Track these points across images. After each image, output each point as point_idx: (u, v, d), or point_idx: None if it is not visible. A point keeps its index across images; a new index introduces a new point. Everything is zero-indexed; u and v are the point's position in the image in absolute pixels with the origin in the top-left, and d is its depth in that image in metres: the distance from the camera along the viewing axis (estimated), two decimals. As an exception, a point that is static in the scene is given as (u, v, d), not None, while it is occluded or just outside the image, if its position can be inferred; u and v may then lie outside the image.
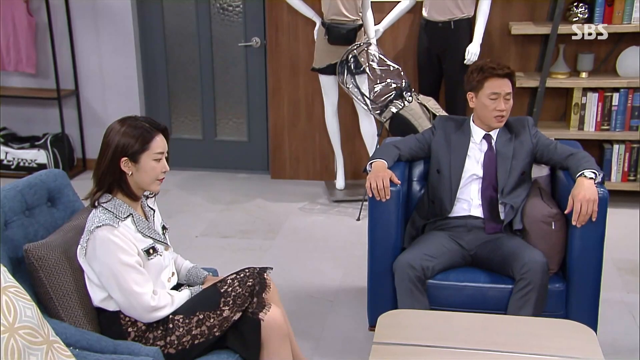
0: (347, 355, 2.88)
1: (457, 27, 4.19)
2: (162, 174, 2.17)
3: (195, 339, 2.11)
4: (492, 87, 2.72)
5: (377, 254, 2.75)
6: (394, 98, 4.00)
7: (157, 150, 2.13)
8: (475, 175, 2.81)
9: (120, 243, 2.06)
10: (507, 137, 2.83)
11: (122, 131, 2.11)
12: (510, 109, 2.77)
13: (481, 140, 2.83)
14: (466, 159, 2.82)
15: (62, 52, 4.97)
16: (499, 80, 2.72)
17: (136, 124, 2.12)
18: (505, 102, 2.74)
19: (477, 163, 2.82)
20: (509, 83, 2.74)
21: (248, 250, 3.90)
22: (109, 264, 2.05)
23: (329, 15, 4.20)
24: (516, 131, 2.84)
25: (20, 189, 2.22)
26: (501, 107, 2.74)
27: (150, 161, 2.12)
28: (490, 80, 2.72)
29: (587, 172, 2.59)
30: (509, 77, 2.74)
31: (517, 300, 2.56)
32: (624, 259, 3.69)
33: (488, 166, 2.80)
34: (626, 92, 4.27)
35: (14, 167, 5.10)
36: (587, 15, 4.21)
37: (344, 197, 4.60)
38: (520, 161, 2.79)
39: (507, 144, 2.81)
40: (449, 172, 2.82)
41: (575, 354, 2.09)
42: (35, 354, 1.68)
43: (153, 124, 2.15)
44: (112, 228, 2.06)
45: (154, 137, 2.12)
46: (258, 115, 5.06)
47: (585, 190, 2.53)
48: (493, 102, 2.74)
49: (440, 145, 2.87)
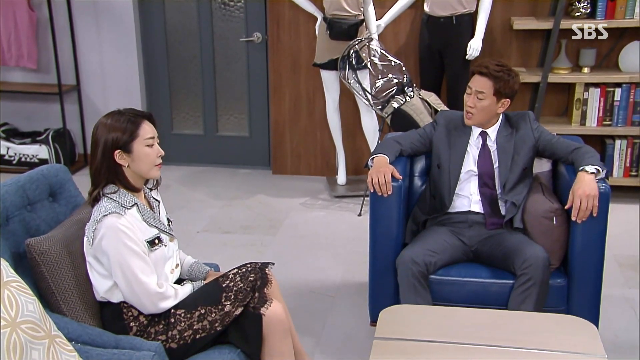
0: (349, 350, 2.88)
1: (459, 22, 4.18)
2: (158, 159, 2.18)
3: (197, 334, 2.11)
4: (471, 82, 2.74)
5: (379, 250, 2.75)
6: (395, 93, 4.00)
7: (147, 136, 2.14)
8: (472, 171, 2.81)
9: (126, 231, 2.07)
10: (508, 132, 2.81)
11: (108, 125, 2.12)
12: (482, 109, 2.72)
13: (477, 137, 2.82)
14: (465, 155, 2.82)
15: (63, 47, 4.97)
16: (477, 77, 2.72)
17: (120, 116, 2.14)
18: (476, 100, 2.72)
19: (474, 160, 2.82)
20: (486, 82, 2.70)
21: (249, 245, 3.90)
22: (116, 251, 2.06)
23: (330, 10, 4.19)
24: (517, 126, 2.82)
25: (22, 183, 2.22)
26: (468, 102, 2.74)
27: (143, 147, 2.13)
28: (474, 76, 2.74)
29: (589, 167, 2.58)
30: (489, 76, 2.69)
31: (518, 295, 2.56)
32: (625, 254, 3.68)
33: (482, 164, 2.79)
34: (628, 87, 4.26)
35: (16, 162, 5.10)
36: (589, 10, 4.20)
37: (346, 193, 4.60)
38: (522, 156, 2.78)
39: (508, 140, 2.80)
40: (449, 167, 2.82)
41: (577, 349, 2.09)
42: (38, 349, 1.68)
43: (137, 113, 2.17)
44: (119, 216, 2.07)
45: (140, 124, 2.14)
46: (259, 111, 5.06)
47: (585, 186, 2.53)
48: (467, 96, 2.75)
49: (441, 141, 2.87)
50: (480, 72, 2.72)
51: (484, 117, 2.76)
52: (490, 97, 2.71)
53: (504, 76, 2.70)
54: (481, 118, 2.76)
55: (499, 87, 2.70)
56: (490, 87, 2.70)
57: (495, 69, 2.71)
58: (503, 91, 2.72)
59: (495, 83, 2.70)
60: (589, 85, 4.31)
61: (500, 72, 2.71)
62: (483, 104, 2.72)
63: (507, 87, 2.71)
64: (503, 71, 2.71)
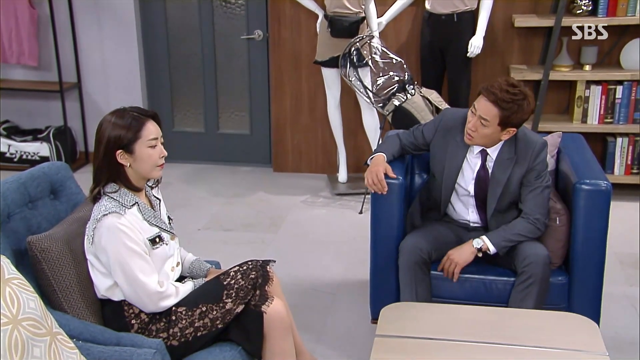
0: (350, 348, 2.88)
1: (460, 19, 4.18)
2: (160, 160, 2.16)
3: (198, 331, 2.11)
4: (476, 102, 2.53)
5: (380, 247, 2.75)
6: (396, 91, 3.99)
7: (150, 137, 2.12)
8: (467, 191, 2.70)
9: (126, 230, 2.07)
10: (509, 156, 2.60)
11: (112, 123, 2.11)
12: (484, 136, 2.52)
13: (477, 154, 2.65)
14: (460, 171, 2.67)
15: (64, 45, 4.97)
16: (483, 100, 2.48)
17: (125, 114, 2.12)
18: (479, 124, 2.50)
19: (470, 179, 2.68)
20: (491, 109, 2.45)
21: (250, 243, 3.90)
22: (115, 252, 2.06)
23: (331, 7, 4.19)
24: (519, 154, 2.60)
25: (23, 181, 2.22)
26: (470, 124, 2.53)
27: (145, 149, 2.12)
28: (480, 97, 2.51)
29: (476, 241, 2.60)
30: (496, 105, 2.44)
31: (518, 292, 2.56)
32: (626, 252, 3.68)
33: (478, 188, 2.67)
34: (630, 84, 4.25)
35: (17, 159, 5.10)
36: (590, 7, 4.19)
37: (347, 190, 4.60)
38: (513, 190, 2.63)
39: (505, 167, 2.61)
40: (442, 180, 2.72)
41: (578, 346, 2.09)
42: (39, 346, 1.69)
43: (142, 112, 2.15)
44: (118, 215, 2.07)
45: (144, 124, 2.12)
46: (260, 108, 5.05)
47: (457, 252, 2.61)
48: (470, 115, 2.55)
49: (438, 148, 2.72)
50: (492, 100, 2.44)
51: (485, 142, 2.58)
52: (494, 126, 2.49)
53: (514, 107, 2.44)
54: (481, 142, 2.59)
55: (506, 118, 2.46)
56: (495, 116, 2.46)
57: (505, 97, 2.43)
58: (510, 122, 2.48)
59: (502, 113, 2.45)
60: (591, 82, 4.30)
61: (511, 102, 2.43)
62: (485, 132, 2.51)
63: (515, 118, 2.47)
64: (514, 101, 2.43)
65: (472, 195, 2.71)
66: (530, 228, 2.60)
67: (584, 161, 2.80)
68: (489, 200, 2.67)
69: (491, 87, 2.47)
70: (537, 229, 2.61)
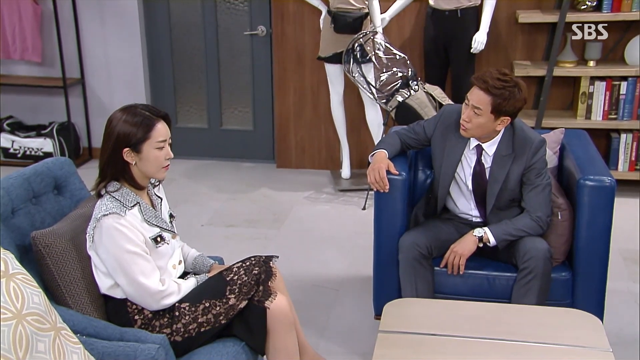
0: (353, 343, 2.89)
1: (464, 15, 4.17)
2: (166, 161, 2.16)
3: (202, 327, 2.12)
4: (469, 93, 2.53)
5: (383, 243, 2.75)
6: (400, 87, 3.99)
7: (159, 138, 2.12)
8: (466, 186, 2.70)
9: (126, 232, 2.06)
10: (507, 153, 2.60)
11: (123, 120, 2.09)
12: (478, 125, 2.52)
13: (473, 149, 2.65)
14: (459, 166, 2.68)
15: (67, 41, 4.97)
16: (475, 90, 2.50)
17: (136, 112, 2.11)
18: (472, 114, 2.51)
19: (468, 174, 2.68)
20: (484, 98, 2.47)
21: (253, 239, 3.90)
22: (114, 253, 2.06)
23: (334, 3, 4.18)
24: (517, 150, 2.60)
25: (27, 176, 2.22)
26: (464, 115, 2.54)
27: (153, 150, 2.11)
28: (473, 87, 2.52)
29: (477, 230, 2.61)
30: (488, 92, 2.46)
31: (520, 288, 2.56)
32: (630, 248, 3.67)
33: (476, 184, 2.67)
34: (634, 80, 4.24)
35: (21, 155, 5.11)
36: (595, 3, 4.17)
37: (350, 187, 4.60)
38: (511, 187, 2.63)
39: (503, 164, 2.60)
40: (439, 176, 2.72)
41: (582, 342, 2.09)
42: (43, 341, 1.69)
43: (153, 112, 2.14)
44: (118, 217, 2.07)
45: (154, 125, 2.11)
46: (264, 104, 5.05)
47: (460, 244, 2.62)
48: (464, 107, 2.56)
49: (438, 144, 2.72)
50: (483, 88, 2.47)
51: (480, 132, 2.57)
52: (487, 114, 2.49)
53: (505, 93, 2.45)
54: (477, 133, 2.58)
55: (498, 105, 2.47)
56: (487, 104, 2.48)
57: (496, 84, 2.45)
58: (502, 109, 2.48)
59: (494, 100, 2.46)
60: (595, 78, 4.29)
61: (502, 88, 2.45)
62: (479, 121, 2.52)
63: (507, 105, 2.47)
64: (505, 87, 2.46)
65: (471, 191, 2.71)
66: (533, 225, 2.60)
67: (588, 157, 2.79)
68: (488, 197, 2.67)
69: (482, 75, 2.50)
70: (539, 227, 2.60)
